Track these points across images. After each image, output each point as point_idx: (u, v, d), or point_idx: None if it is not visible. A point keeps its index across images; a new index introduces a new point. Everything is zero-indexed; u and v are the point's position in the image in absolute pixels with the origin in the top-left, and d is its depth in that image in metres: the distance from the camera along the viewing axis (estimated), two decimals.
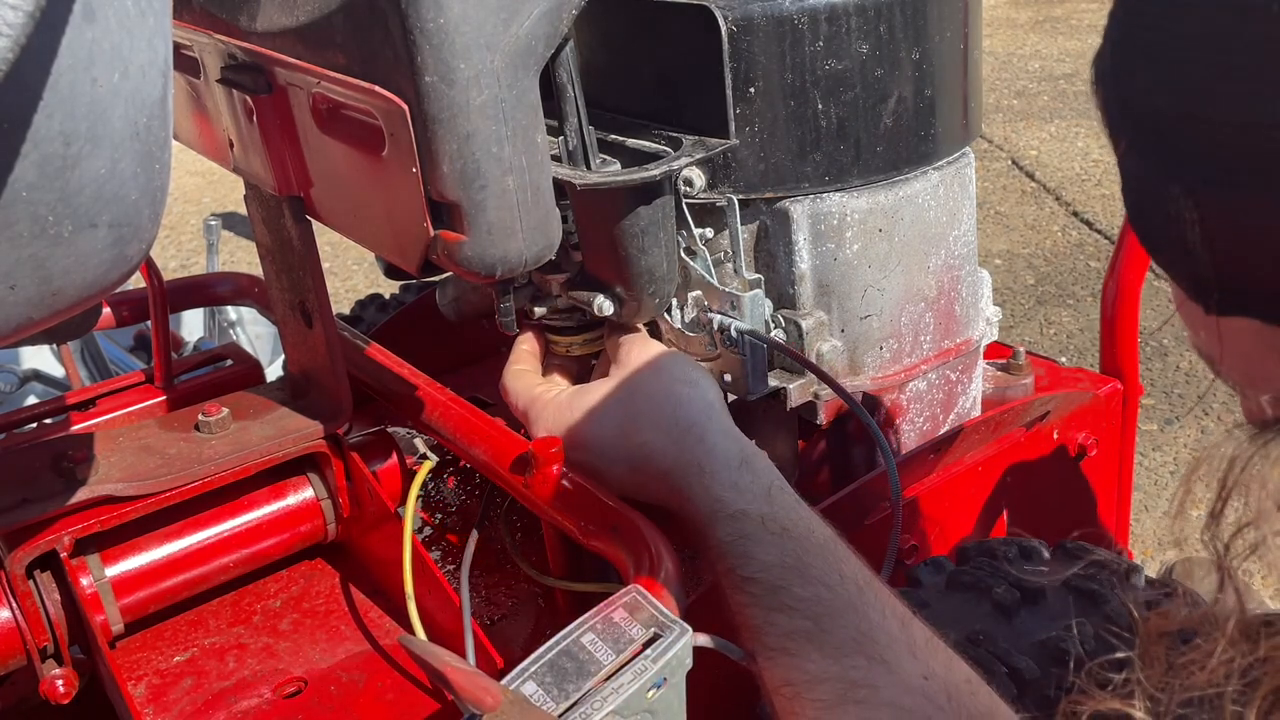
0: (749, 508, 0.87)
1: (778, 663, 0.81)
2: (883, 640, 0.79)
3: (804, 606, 0.81)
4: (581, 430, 1.02)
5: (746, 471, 0.91)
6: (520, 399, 1.11)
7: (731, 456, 0.92)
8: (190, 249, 4.80)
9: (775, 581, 0.82)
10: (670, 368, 1.03)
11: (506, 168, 0.80)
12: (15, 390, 2.39)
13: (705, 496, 0.90)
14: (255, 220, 1.13)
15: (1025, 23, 7.06)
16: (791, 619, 0.81)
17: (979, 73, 1.17)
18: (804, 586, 0.82)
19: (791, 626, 0.80)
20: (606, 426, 1.00)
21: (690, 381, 1.00)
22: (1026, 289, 3.82)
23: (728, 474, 0.90)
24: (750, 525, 0.86)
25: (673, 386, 0.99)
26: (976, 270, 1.23)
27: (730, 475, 0.90)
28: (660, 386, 1.00)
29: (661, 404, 0.98)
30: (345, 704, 1.05)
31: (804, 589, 0.82)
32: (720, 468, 0.91)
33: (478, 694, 0.69)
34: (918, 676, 0.77)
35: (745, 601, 0.84)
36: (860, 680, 0.77)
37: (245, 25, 0.94)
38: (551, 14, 0.79)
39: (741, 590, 0.84)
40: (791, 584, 0.82)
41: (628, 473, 0.98)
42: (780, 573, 0.83)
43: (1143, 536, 2.59)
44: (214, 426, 1.13)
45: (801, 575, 0.82)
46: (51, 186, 0.51)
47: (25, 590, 1.02)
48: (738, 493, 0.89)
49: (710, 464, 0.91)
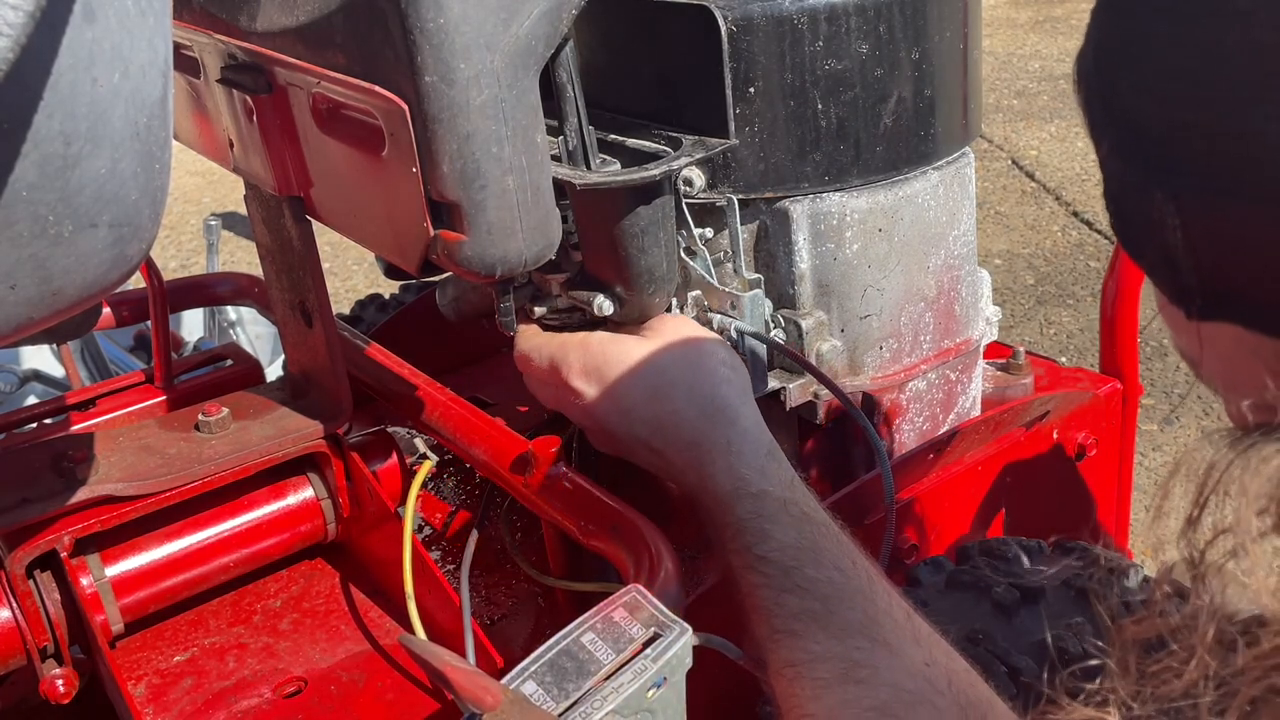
0: (772, 489, 0.89)
1: (783, 644, 0.81)
2: (888, 625, 0.79)
3: (815, 588, 0.81)
4: (613, 378, 1.01)
5: (773, 459, 0.92)
6: (545, 347, 1.08)
7: (761, 442, 0.94)
8: (190, 249, 4.80)
9: (789, 562, 0.83)
10: (715, 350, 1.02)
11: (506, 168, 0.80)
12: (15, 390, 2.39)
13: (729, 474, 0.91)
14: (255, 220, 1.13)
15: (1025, 23, 7.06)
16: (802, 600, 0.81)
17: (979, 73, 1.17)
18: (817, 569, 0.83)
19: (801, 607, 0.81)
20: (637, 386, 1.00)
21: (734, 367, 1.01)
22: (1026, 289, 3.82)
23: (755, 458, 0.92)
24: (771, 505, 0.87)
25: (717, 367, 1.00)
26: (976, 270, 1.23)
27: (758, 459, 0.92)
28: (702, 360, 1.00)
29: (701, 377, 0.98)
30: (345, 704, 1.05)
31: (817, 571, 0.82)
32: (749, 449, 0.92)
33: (478, 694, 0.69)
34: (920, 662, 0.77)
35: (757, 582, 0.84)
36: (863, 661, 0.77)
37: (245, 25, 0.94)
38: (551, 14, 0.79)
39: (754, 570, 0.85)
40: (805, 565, 0.83)
41: (649, 434, 0.98)
42: (795, 553, 0.84)
43: (1142, 536, 2.59)
44: (214, 426, 1.13)
45: (816, 557, 0.83)
46: (52, 186, 0.51)
47: (25, 590, 1.02)
48: (762, 475, 0.90)
49: (740, 444, 0.93)
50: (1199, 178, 0.49)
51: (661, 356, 1.01)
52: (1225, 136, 0.47)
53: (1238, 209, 0.48)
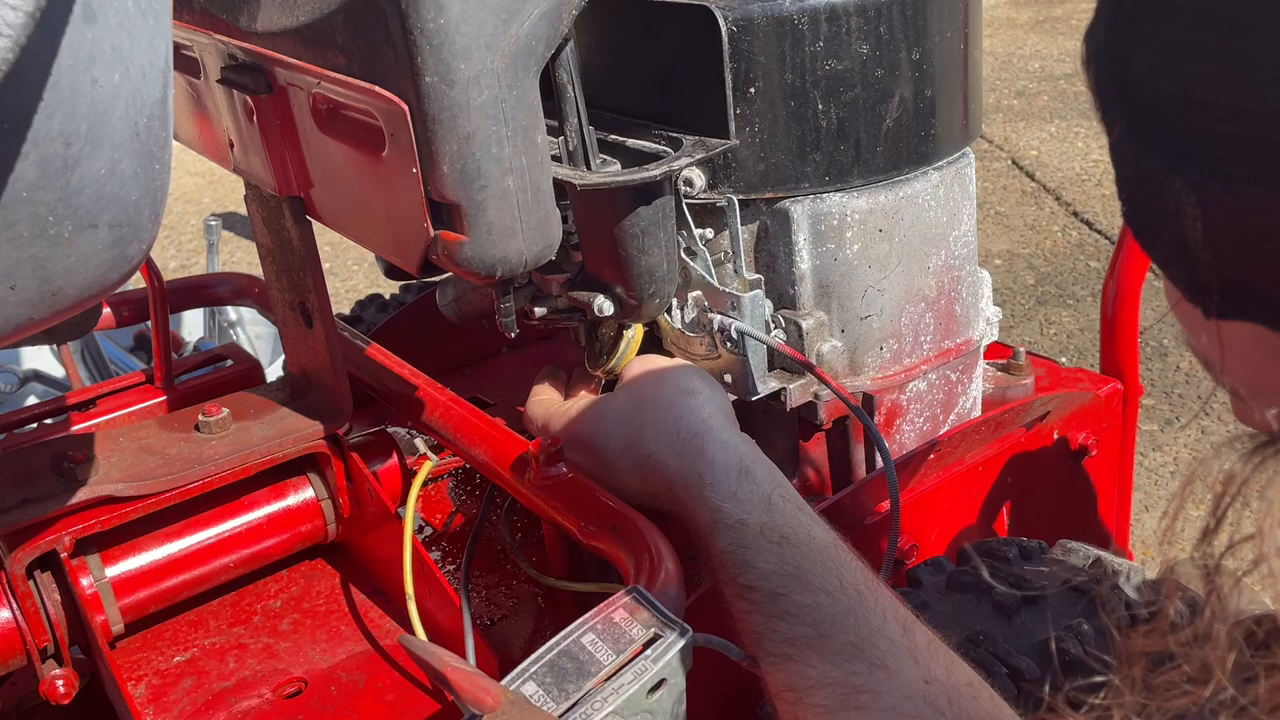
0: (748, 517, 0.88)
1: (780, 668, 0.81)
2: (883, 645, 0.78)
3: (804, 613, 0.81)
4: (593, 440, 1.03)
5: (746, 481, 0.91)
6: (540, 417, 1.14)
7: (730, 467, 0.92)
8: (190, 249, 4.80)
9: (775, 589, 0.83)
10: (673, 379, 1.03)
11: (506, 168, 0.80)
12: (15, 390, 2.39)
13: (706, 507, 0.90)
14: (255, 220, 1.13)
15: (1025, 23, 7.06)
16: (792, 626, 0.81)
17: (979, 73, 1.17)
18: (804, 593, 0.82)
19: (792, 633, 0.80)
20: (615, 438, 1.01)
21: (691, 391, 1.01)
22: (1026, 289, 3.82)
23: (727, 484, 0.91)
24: (749, 535, 0.86)
25: (675, 397, 1.00)
26: (976, 270, 1.23)
27: (729, 485, 0.91)
28: (663, 396, 1.01)
29: (665, 415, 0.99)
30: (345, 704, 1.05)
31: (804, 596, 0.81)
32: (720, 478, 0.91)
33: (478, 694, 0.69)
34: (919, 681, 0.76)
35: (746, 609, 0.84)
36: (862, 685, 0.77)
37: (245, 25, 0.94)
38: (551, 14, 0.79)
39: (742, 598, 0.84)
40: (791, 591, 0.82)
41: (638, 482, 0.99)
42: (780, 580, 0.83)
43: (1143, 536, 2.59)
44: (214, 427, 1.13)
45: (801, 582, 0.82)
46: (52, 187, 0.51)
47: (25, 590, 1.02)
48: (736, 503, 0.89)
49: (710, 475, 0.92)
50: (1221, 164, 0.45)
51: (629, 404, 1.03)
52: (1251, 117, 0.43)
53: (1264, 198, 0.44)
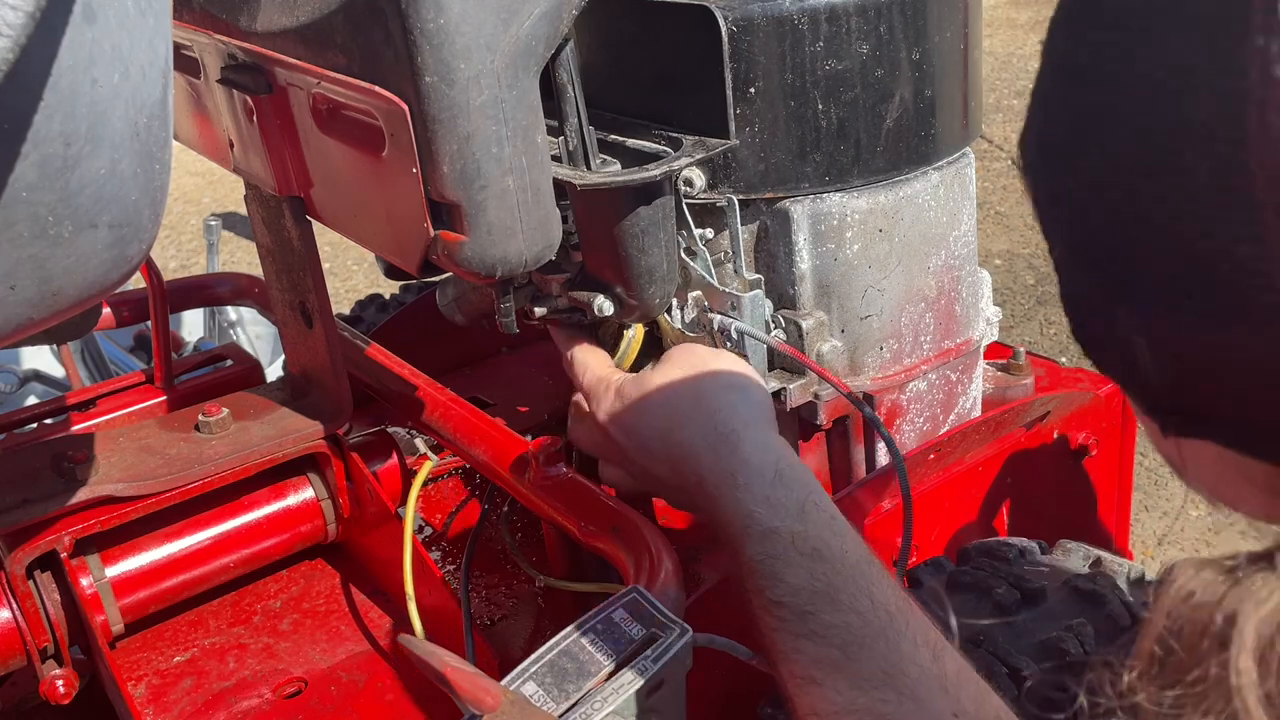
0: (780, 525, 0.85)
1: (806, 691, 0.78)
2: (913, 673, 0.76)
3: (832, 634, 0.78)
4: (630, 422, 1.00)
5: (780, 485, 0.88)
6: (588, 375, 1.07)
7: (766, 469, 0.89)
8: (190, 249, 4.80)
9: (803, 606, 0.80)
10: (719, 370, 1.00)
11: (506, 168, 0.80)
12: (15, 390, 2.39)
13: (736, 509, 0.87)
14: (255, 220, 1.13)
15: (1025, 23, 7.05)
16: (819, 646, 0.78)
17: (979, 73, 1.17)
18: (833, 613, 0.79)
19: (819, 654, 0.78)
20: (651, 423, 0.98)
21: (736, 386, 0.98)
22: (1026, 289, 3.82)
23: (760, 487, 0.88)
24: (780, 545, 0.83)
25: (717, 390, 0.97)
26: (976, 270, 1.23)
27: (763, 489, 0.88)
28: (705, 388, 0.98)
29: (704, 406, 0.96)
30: (345, 704, 1.05)
31: (833, 615, 0.79)
32: (754, 480, 0.88)
33: (478, 694, 0.69)
34: (948, 714, 0.74)
35: (773, 625, 0.81)
36: (890, 715, 0.75)
37: (245, 25, 0.94)
38: (551, 14, 0.79)
39: (769, 613, 0.82)
40: (820, 610, 0.79)
41: (668, 473, 0.96)
42: (809, 597, 0.80)
43: (1143, 536, 2.59)
44: (214, 427, 1.13)
45: (831, 601, 0.80)
46: (52, 187, 0.51)
47: (25, 590, 1.02)
48: (769, 507, 0.86)
49: (744, 475, 0.89)
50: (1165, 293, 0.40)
51: (671, 390, 0.99)
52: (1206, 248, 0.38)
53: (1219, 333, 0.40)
